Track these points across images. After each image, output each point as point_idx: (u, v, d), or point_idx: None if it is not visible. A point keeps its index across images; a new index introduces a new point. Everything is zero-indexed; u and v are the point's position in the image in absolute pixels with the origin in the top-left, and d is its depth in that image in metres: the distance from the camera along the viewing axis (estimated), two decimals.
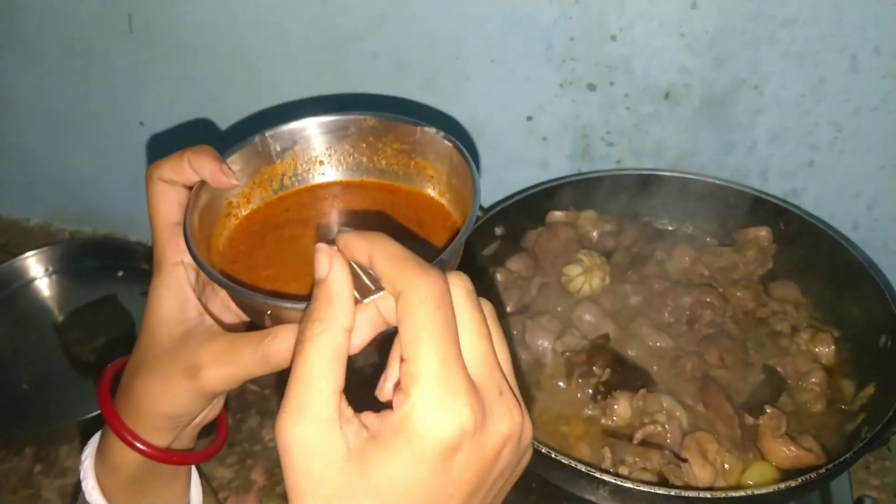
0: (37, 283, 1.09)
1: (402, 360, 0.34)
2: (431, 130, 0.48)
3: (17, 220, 1.23)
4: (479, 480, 0.34)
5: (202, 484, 0.82)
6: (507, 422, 0.34)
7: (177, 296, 0.47)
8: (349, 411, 0.34)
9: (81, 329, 1.02)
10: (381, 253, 0.35)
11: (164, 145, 1.05)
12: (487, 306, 0.38)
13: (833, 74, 0.80)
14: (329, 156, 0.51)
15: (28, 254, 1.08)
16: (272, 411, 0.94)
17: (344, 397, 0.34)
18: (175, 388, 0.45)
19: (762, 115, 0.85)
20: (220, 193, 0.48)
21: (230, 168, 0.47)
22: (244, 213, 0.51)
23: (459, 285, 0.35)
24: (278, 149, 0.50)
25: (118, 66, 1.00)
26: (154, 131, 1.05)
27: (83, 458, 0.52)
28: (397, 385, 0.34)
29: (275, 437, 0.34)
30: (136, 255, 1.10)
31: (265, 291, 0.45)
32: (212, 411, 0.52)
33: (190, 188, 0.47)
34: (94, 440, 0.52)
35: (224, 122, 1.02)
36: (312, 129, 0.50)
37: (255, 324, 0.46)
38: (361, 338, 0.36)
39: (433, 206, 0.49)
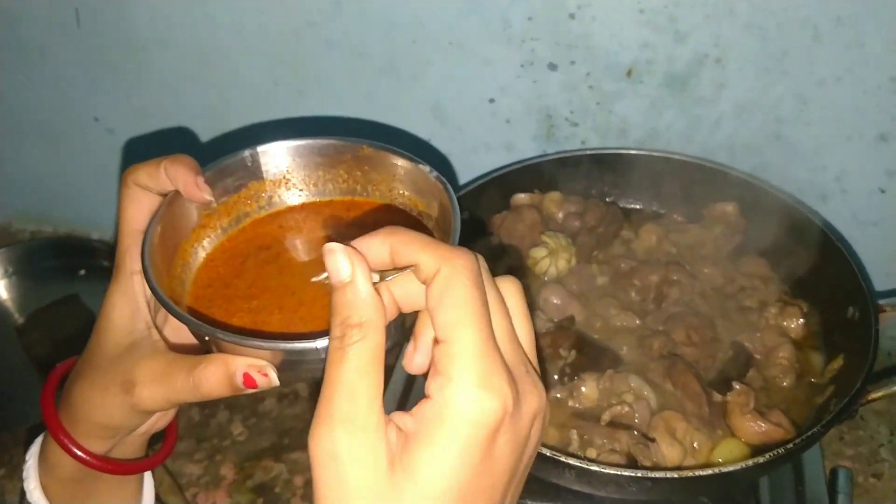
0: None
1: (436, 342, 0.33)
2: (424, 168, 0.46)
3: None
4: (515, 464, 0.34)
5: (167, 482, 0.81)
6: (537, 398, 0.34)
7: (129, 305, 0.45)
8: (385, 416, 0.33)
9: (43, 330, 1.00)
10: (402, 242, 0.34)
11: (128, 145, 1.03)
12: (517, 284, 0.37)
13: (796, 46, 0.79)
14: (317, 179, 0.50)
15: None
16: (240, 405, 0.93)
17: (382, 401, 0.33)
18: (111, 400, 0.44)
19: (726, 90, 0.84)
20: (196, 205, 0.47)
21: (205, 182, 0.45)
22: (223, 226, 0.49)
23: (482, 265, 0.35)
24: (269, 166, 0.49)
25: (69, 63, 0.98)
26: (110, 127, 1.03)
27: (27, 458, 0.51)
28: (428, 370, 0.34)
29: (311, 448, 0.32)
30: (97, 254, 1.08)
31: (208, 320, 0.43)
32: (160, 421, 0.51)
33: (165, 196, 0.45)
34: (39, 440, 0.51)
35: (183, 115, 0.99)
36: (306, 150, 0.49)
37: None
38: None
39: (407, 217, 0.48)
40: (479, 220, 0.84)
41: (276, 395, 0.94)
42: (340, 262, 0.33)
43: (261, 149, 0.48)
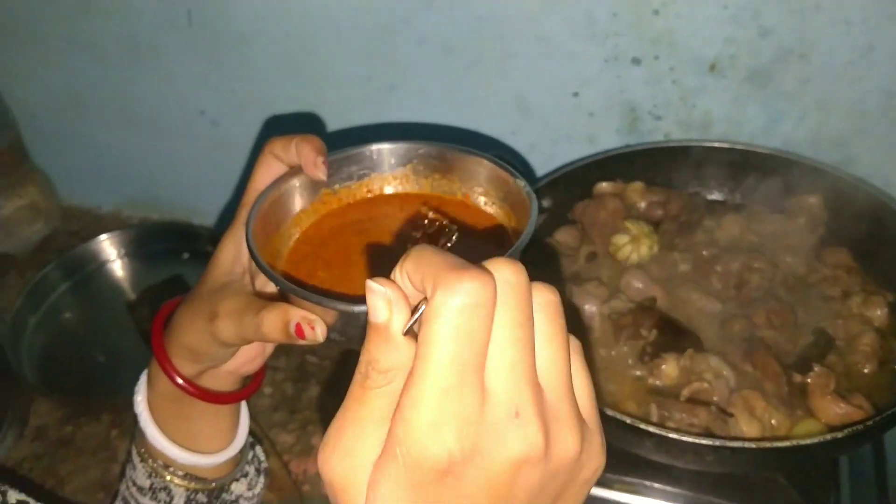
0: (110, 265, 1.16)
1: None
2: (521, 183, 0.49)
3: (90, 209, 1.30)
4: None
5: (266, 446, 0.87)
6: (517, 444, 0.31)
7: (235, 250, 0.52)
8: None
9: (151, 307, 1.08)
10: (412, 265, 0.31)
11: (229, 136, 1.10)
12: (553, 295, 0.33)
13: (882, 40, 0.79)
14: (432, 181, 0.54)
15: (101, 237, 1.15)
16: (331, 381, 0.98)
17: None
18: (197, 325, 0.50)
19: (810, 84, 0.85)
20: (317, 184, 0.52)
21: (324, 162, 0.50)
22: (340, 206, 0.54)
23: (498, 278, 0.30)
24: (391, 162, 0.54)
25: (179, 59, 1.05)
26: (214, 120, 1.10)
27: (141, 375, 0.59)
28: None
29: (319, 467, 0.33)
30: (200, 239, 1.16)
31: (288, 277, 0.48)
32: (247, 365, 0.57)
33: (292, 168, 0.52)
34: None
35: (281, 108, 1.06)
36: (424, 152, 0.54)
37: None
38: None
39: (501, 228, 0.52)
40: (562, 207, 0.87)
41: None
42: (379, 304, 0.31)
43: (386, 146, 0.54)
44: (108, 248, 1.16)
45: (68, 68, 1.11)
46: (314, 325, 0.45)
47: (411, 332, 0.31)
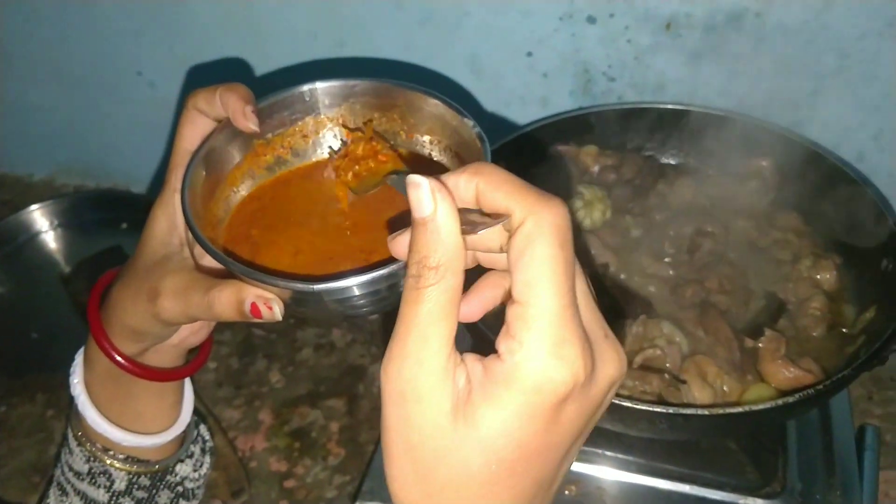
0: (42, 236, 1.10)
1: (511, 301, 0.31)
2: (469, 122, 0.47)
3: (21, 177, 1.24)
4: (584, 426, 0.33)
5: (210, 423, 0.84)
6: (616, 365, 0.33)
7: (168, 220, 0.48)
8: (458, 357, 0.32)
9: (87, 280, 1.03)
10: (490, 183, 0.31)
11: (169, 99, 1.05)
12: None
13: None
14: (371, 121, 0.51)
15: (33, 207, 1.09)
16: (278, 354, 0.95)
17: (454, 344, 0.32)
18: (138, 306, 0.47)
19: (765, 44, 0.83)
20: (250, 135, 0.48)
21: (253, 112, 0.46)
22: (271, 163, 0.51)
23: (564, 216, 0.31)
24: (326, 103, 0.50)
25: (113, 15, 0.99)
26: (152, 81, 1.05)
27: (76, 357, 0.55)
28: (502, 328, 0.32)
29: (382, 382, 0.32)
30: (139, 207, 1.10)
31: (242, 241, 0.46)
32: (191, 337, 0.54)
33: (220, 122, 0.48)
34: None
35: (224, 69, 1.01)
36: (361, 89, 0.50)
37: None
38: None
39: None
40: (515, 171, 0.85)
41: (313, 346, 0.96)
42: (424, 196, 0.31)
43: (320, 85, 0.50)
44: (41, 219, 1.10)
45: None
46: (271, 304, 0.42)
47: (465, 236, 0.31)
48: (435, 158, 0.50)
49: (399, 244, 0.34)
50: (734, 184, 0.82)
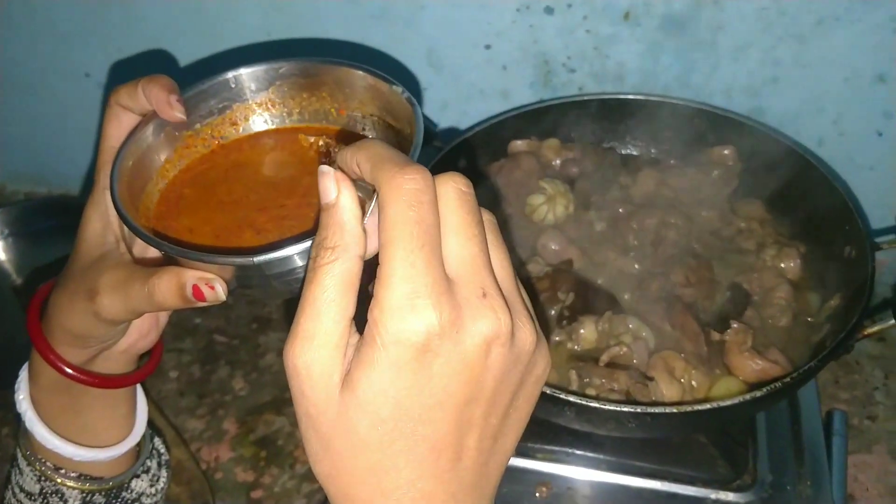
0: None
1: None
2: (398, 88, 0.46)
3: None
4: (470, 388, 0.33)
5: (171, 435, 0.82)
6: (489, 322, 0.32)
7: (101, 219, 0.47)
8: (355, 337, 0.34)
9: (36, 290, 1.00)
10: (364, 155, 0.34)
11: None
12: (487, 215, 0.36)
13: None
14: (301, 101, 0.50)
15: None
16: (241, 361, 0.93)
17: (354, 324, 0.34)
18: (77, 306, 0.46)
19: (724, 32, 0.83)
20: (177, 126, 0.47)
21: (178, 101, 0.45)
22: (203, 147, 0.49)
23: (451, 185, 0.33)
24: (253, 88, 0.49)
25: (58, 15, 0.96)
26: (101, 82, 1.02)
27: (20, 373, 0.53)
28: None
29: (284, 362, 0.33)
30: None
31: (167, 232, 0.44)
32: (140, 341, 0.52)
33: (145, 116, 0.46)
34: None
35: (174, 70, 0.98)
36: (287, 70, 0.49)
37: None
38: (370, 249, 0.35)
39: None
40: (476, 167, 0.84)
41: (276, 351, 0.94)
42: (328, 184, 0.34)
43: (244, 70, 0.48)
44: None
45: None
46: (213, 284, 0.41)
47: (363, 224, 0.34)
48: (368, 133, 0.49)
49: None
50: (696, 174, 0.81)
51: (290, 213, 0.44)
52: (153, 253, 0.48)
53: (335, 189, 0.34)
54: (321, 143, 0.48)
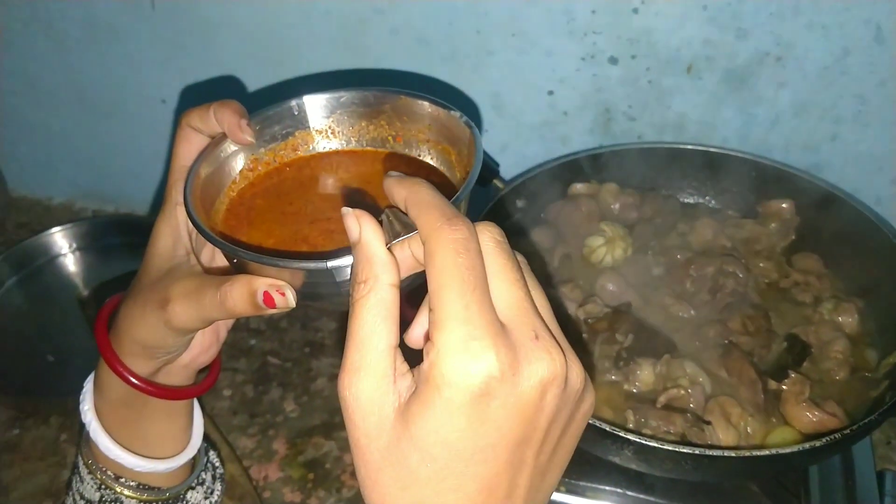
0: (61, 258, 1.10)
1: (430, 311, 0.34)
2: (455, 114, 0.48)
3: (40, 200, 1.25)
4: (523, 429, 0.33)
5: (226, 451, 0.84)
6: (546, 365, 0.33)
7: (172, 233, 0.49)
8: (404, 366, 0.35)
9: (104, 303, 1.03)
10: (413, 200, 0.36)
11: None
12: (520, 258, 0.37)
13: (857, 45, 0.80)
14: (360, 129, 0.52)
15: (53, 230, 1.09)
16: (293, 384, 0.95)
17: (400, 352, 0.35)
18: (148, 317, 0.47)
19: (785, 88, 0.84)
20: (244, 148, 0.50)
21: (248, 125, 0.48)
22: (267, 170, 0.52)
23: (487, 234, 0.35)
24: (314, 115, 0.51)
25: (140, 44, 1.01)
26: (175, 108, 1.06)
27: (85, 384, 0.55)
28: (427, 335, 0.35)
29: (338, 394, 0.35)
30: None
31: (236, 241, 0.46)
32: (202, 356, 0.54)
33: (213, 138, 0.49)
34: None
35: (246, 99, 1.02)
36: (347, 99, 0.51)
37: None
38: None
39: (439, 174, 0.50)
40: (536, 208, 0.86)
41: (328, 375, 0.96)
42: (351, 223, 0.36)
43: (307, 98, 0.51)
44: (60, 241, 1.10)
45: (21, 50, 1.05)
46: (283, 291, 0.42)
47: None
48: (424, 159, 0.51)
49: None
50: (754, 225, 0.82)
51: (337, 227, 0.46)
52: (220, 265, 0.50)
53: (357, 227, 0.36)
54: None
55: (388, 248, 0.36)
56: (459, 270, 0.33)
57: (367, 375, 0.34)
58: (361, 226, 0.35)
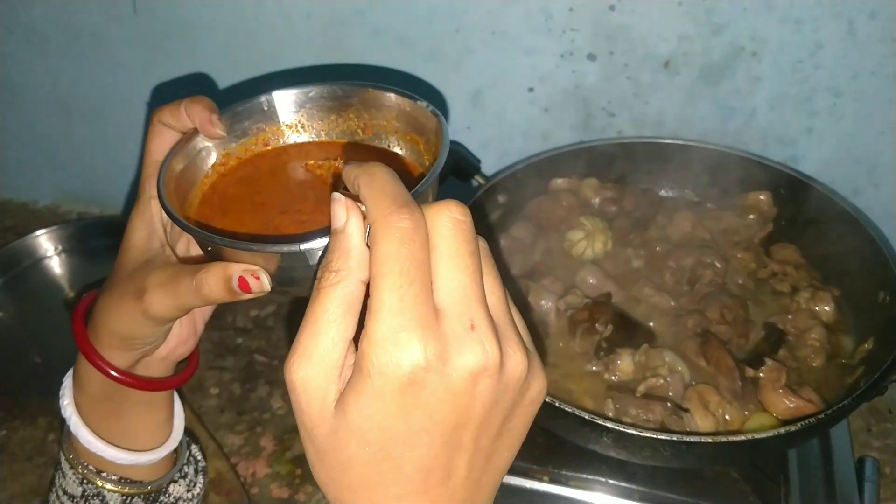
0: (47, 261, 1.10)
1: (368, 297, 0.34)
2: (422, 104, 0.48)
3: (25, 203, 1.25)
4: (457, 415, 0.34)
5: (213, 447, 0.84)
6: (477, 356, 0.33)
7: (147, 227, 0.49)
8: (353, 357, 0.35)
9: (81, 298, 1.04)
10: (366, 185, 0.35)
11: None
12: (482, 242, 0.37)
13: (831, 40, 0.81)
14: (329, 123, 0.53)
15: (38, 232, 1.10)
16: (280, 381, 0.96)
17: (352, 345, 0.35)
18: (125, 307, 0.47)
19: (761, 82, 0.86)
20: (215, 143, 0.50)
21: (219, 119, 0.49)
22: (239, 164, 0.52)
23: (447, 214, 0.34)
24: (284, 111, 0.52)
25: (122, 48, 1.01)
26: None
27: (64, 379, 0.55)
28: None
29: (284, 376, 0.35)
30: None
31: (210, 229, 0.46)
32: (180, 348, 0.54)
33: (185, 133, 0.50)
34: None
35: (229, 100, 1.02)
36: (316, 94, 0.52)
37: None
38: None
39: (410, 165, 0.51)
40: (517, 203, 0.87)
41: None
42: (339, 210, 0.35)
43: (276, 94, 0.51)
44: (45, 244, 1.10)
45: (3, 55, 1.06)
46: (258, 275, 0.42)
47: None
48: (393, 149, 0.52)
49: None
50: (732, 217, 0.83)
51: (308, 218, 0.47)
52: (195, 254, 0.51)
53: (345, 216, 0.35)
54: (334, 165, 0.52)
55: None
56: (400, 261, 0.33)
57: (318, 363, 0.34)
58: (349, 216, 0.35)
